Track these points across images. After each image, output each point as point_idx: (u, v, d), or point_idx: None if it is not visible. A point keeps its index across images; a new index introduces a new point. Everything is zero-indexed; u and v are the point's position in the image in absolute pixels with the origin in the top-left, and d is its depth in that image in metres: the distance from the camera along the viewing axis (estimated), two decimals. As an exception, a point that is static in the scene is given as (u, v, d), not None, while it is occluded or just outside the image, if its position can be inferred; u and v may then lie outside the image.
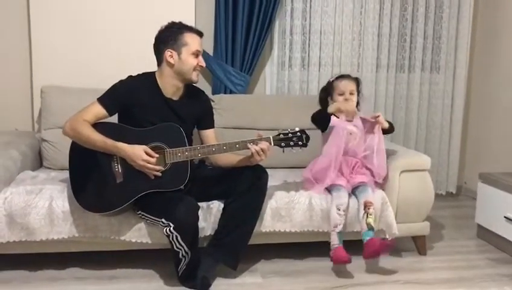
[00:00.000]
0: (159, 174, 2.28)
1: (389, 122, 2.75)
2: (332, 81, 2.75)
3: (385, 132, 2.73)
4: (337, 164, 2.65)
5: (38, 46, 3.13)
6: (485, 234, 3.02)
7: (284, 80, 3.58)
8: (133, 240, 2.41)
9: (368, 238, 2.45)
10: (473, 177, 3.66)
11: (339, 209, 2.51)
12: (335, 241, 2.49)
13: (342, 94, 2.69)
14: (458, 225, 3.32)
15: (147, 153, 2.25)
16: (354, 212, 2.57)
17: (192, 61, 2.39)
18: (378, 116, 2.67)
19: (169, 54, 2.37)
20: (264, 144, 2.33)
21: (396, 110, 3.79)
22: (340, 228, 2.51)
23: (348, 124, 2.68)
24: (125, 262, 2.57)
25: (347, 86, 2.70)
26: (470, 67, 3.86)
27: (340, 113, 2.66)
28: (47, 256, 2.49)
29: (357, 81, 2.76)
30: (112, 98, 2.37)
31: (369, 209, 2.49)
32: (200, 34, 2.43)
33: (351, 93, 2.70)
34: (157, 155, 2.28)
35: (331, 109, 2.67)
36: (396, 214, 2.66)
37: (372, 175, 2.68)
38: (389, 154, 2.78)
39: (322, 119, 2.66)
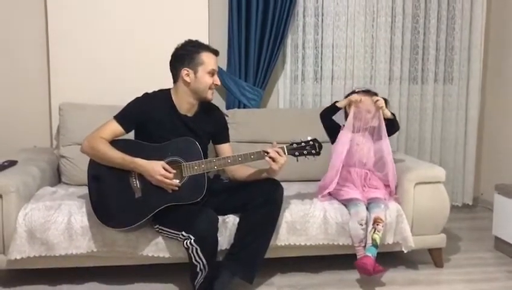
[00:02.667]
0: (176, 188, 2.31)
1: (393, 115, 2.75)
2: (357, 92, 2.78)
3: (390, 129, 2.73)
4: (340, 164, 2.68)
5: (57, 64, 3.20)
6: (503, 246, 2.99)
7: (297, 94, 3.61)
8: (150, 255, 2.43)
9: (368, 254, 2.46)
10: (489, 188, 3.63)
11: (362, 225, 2.52)
12: (362, 254, 2.51)
13: None
14: (475, 237, 3.29)
15: (164, 169, 2.29)
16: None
17: (207, 80, 2.43)
18: (377, 100, 2.68)
19: (185, 73, 2.41)
20: (277, 148, 2.35)
21: (410, 123, 3.78)
22: (364, 242, 2.52)
23: (356, 135, 2.70)
24: (143, 276, 2.59)
25: (366, 103, 2.71)
26: (484, 78, 3.85)
27: (349, 107, 2.70)
28: (66, 271, 2.53)
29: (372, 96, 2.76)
30: (128, 116, 2.42)
31: (377, 225, 2.50)
32: (216, 53, 2.47)
33: (368, 112, 2.71)
34: (174, 171, 2.31)
35: (341, 103, 2.73)
36: (412, 226, 2.65)
37: (385, 186, 2.68)
38: (404, 166, 2.78)
39: (328, 110, 2.75)
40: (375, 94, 2.80)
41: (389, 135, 2.74)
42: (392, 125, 2.74)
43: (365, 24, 3.62)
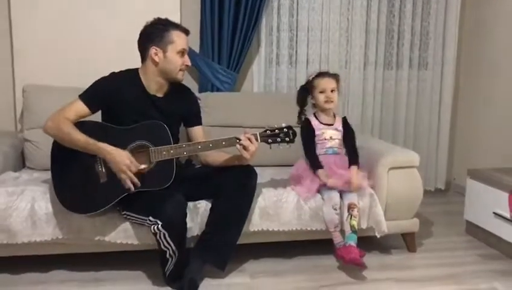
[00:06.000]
0: (132, 188, 2.20)
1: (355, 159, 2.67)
2: (312, 78, 2.71)
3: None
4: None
5: (20, 44, 3.07)
6: (474, 230, 3.02)
7: (271, 78, 3.55)
8: (118, 241, 2.36)
9: (350, 243, 2.45)
10: (461, 173, 3.66)
11: (336, 210, 2.50)
12: (339, 239, 2.50)
13: (323, 92, 2.67)
14: (447, 222, 3.32)
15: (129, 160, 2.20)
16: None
17: (177, 60, 2.34)
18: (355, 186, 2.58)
19: (154, 52, 2.31)
20: (250, 136, 2.28)
21: (385, 108, 3.77)
22: (340, 226, 2.50)
23: (328, 128, 2.68)
24: (110, 264, 2.51)
25: (328, 83, 2.67)
26: (458, 64, 3.85)
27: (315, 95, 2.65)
28: (30, 259, 2.44)
29: (337, 78, 2.72)
30: (94, 95, 2.31)
31: (352, 211, 2.49)
32: (186, 32, 2.38)
33: (332, 91, 2.67)
34: (141, 166, 2.23)
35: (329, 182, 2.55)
36: (386, 211, 2.64)
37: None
38: (378, 151, 2.77)
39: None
40: (328, 73, 2.72)
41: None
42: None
43: (340, 7, 3.57)
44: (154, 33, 2.32)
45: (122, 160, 2.18)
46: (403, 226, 2.74)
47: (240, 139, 2.29)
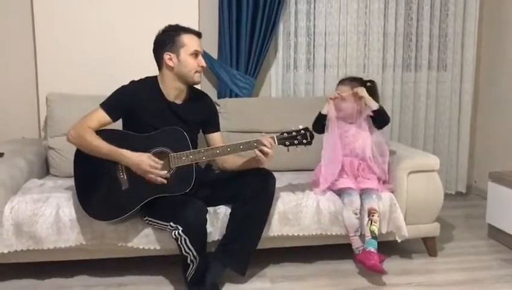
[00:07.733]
0: (165, 181, 2.26)
1: (380, 107, 2.68)
2: (342, 81, 2.79)
3: (378, 121, 2.67)
4: (337, 156, 2.64)
5: (43, 54, 3.14)
6: (497, 234, 2.98)
7: (289, 82, 3.56)
8: (141, 247, 2.40)
9: (370, 248, 2.44)
10: (482, 176, 3.62)
11: (356, 214, 2.50)
12: (358, 244, 2.50)
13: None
14: (469, 225, 3.28)
15: (151, 160, 2.24)
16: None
17: (191, 62, 2.36)
18: (356, 91, 2.64)
19: (168, 57, 2.35)
20: (267, 139, 2.30)
21: (404, 110, 3.75)
22: (359, 231, 2.50)
23: (350, 126, 2.69)
24: (133, 269, 2.56)
25: (339, 90, 2.72)
26: (477, 65, 3.81)
27: (332, 105, 2.68)
28: (55, 264, 2.49)
29: (361, 83, 2.73)
30: (115, 104, 2.36)
31: (373, 216, 2.48)
32: (198, 34, 2.41)
33: (344, 102, 2.70)
34: (161, 162, 2.27)
35: (324, 109, 2.69)
36: (406, 215, 2.63)
37: (378, 178, 2.66)
38: (397, 155, 2.76)
39: (316, 121, 2.70)
40: (364, 82, 2.75)
41: (378, 128, 2.69)
42: (378, 117, 2.67)
43: (358, 11, 3.56)
44: (166, 40, 2.36)
45: (145, 162, 2.22)
46: (423, 230, 2.72)
47: (257, 143, 2.31)
